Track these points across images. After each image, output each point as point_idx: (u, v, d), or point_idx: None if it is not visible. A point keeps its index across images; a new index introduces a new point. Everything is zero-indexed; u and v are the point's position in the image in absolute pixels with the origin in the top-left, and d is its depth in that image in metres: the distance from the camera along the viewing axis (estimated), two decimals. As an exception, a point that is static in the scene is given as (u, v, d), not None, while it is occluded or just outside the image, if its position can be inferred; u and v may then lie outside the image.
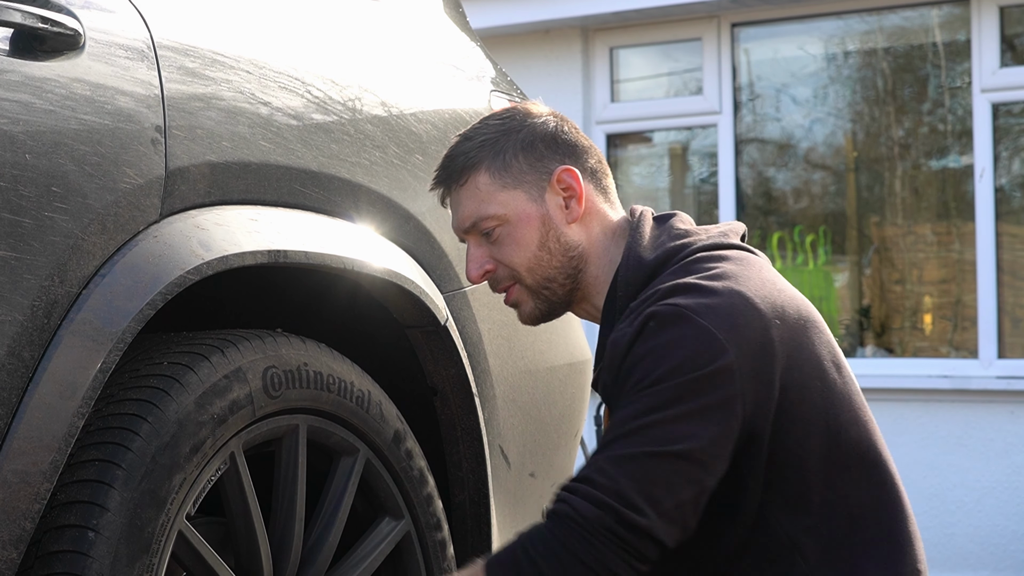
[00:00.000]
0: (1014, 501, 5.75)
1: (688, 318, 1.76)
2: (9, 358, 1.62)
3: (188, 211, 1.86)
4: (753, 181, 6.56)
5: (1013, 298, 5.93)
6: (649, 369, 1.76)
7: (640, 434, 1.75)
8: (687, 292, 1.79)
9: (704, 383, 1.74)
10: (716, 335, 1.75)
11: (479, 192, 1.93)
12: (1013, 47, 5.99)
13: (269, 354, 1.95)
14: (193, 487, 1.83)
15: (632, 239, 1.92)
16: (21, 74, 1.67)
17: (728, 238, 1.93)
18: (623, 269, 1.90)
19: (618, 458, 1.75)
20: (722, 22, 6.38)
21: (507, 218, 1.93)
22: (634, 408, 1.76)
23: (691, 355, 1.75)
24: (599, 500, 1.73)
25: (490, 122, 1.98)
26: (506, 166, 1.93)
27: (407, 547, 2.19)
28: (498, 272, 1.96)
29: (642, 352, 1.77)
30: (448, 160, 1.96)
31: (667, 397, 1.74)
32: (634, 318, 1.81)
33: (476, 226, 1.94)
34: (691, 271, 1.85)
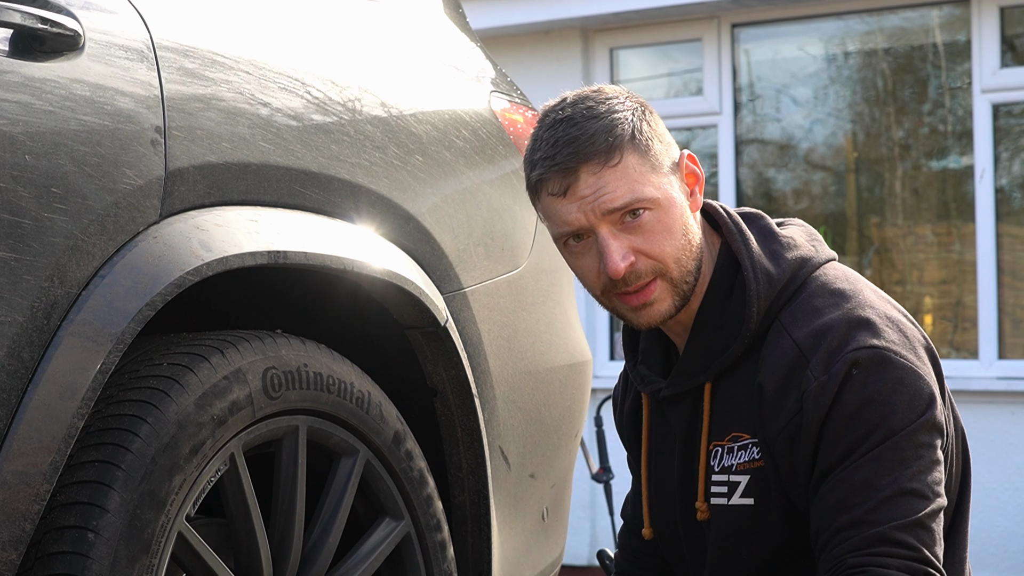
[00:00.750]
0: (1014, 502, 5.75)
1: (891, 360, 1.74)
2: (9, 359, 1.62)
3: (188, 212, 1.86)
4: (753, 182, 6.56)
5: (1013, 299, 5.93)
6: (875, 421, 1.73)
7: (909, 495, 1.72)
8: (868, 328, 1.76)
9: (929, 425, 1.75)
10: (918, 371, 1.75)
11: (632, 173, 1.77)
12: (1013, 48, 5.99)
13: (269, 355, 1.95)
14: (193, 488, 1.83)
15: (745, 247, 1.84)
16: (20, 75, 1.67)
17: (823, 245, 1.91)
18: (753, 283, 1.81)
19: (908, 525, 1.71)
20: (722, 23, 6.38)
21: (660, 202, 1.79)
22: (880, 465, 1.73)
23: (909, 399, 1.74)
24: (916, 571, 1.71)
25: (592, 102, 1.81)
26: (648, 148, 1.80)
27: (407, 548, 2.18)
28: (639, 265, 1.79)
29: (857, 402, 1.73)
30: (581, 141, 1.76)
31: (908, 448, 1.73)
32: (825, 363, 1.75)
33: (626, 208, 1.77)
34: (838, 294, 1.81)
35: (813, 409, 1.75)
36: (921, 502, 1.72)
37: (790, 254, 1.85)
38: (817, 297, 1.81)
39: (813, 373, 1.75)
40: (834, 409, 1.74)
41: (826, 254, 1.89)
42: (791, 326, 1.79)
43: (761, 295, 1.81)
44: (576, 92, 1.86)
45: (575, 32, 6.60)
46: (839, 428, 1.74)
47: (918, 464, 1.73)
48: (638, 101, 1.85)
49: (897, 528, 1.71)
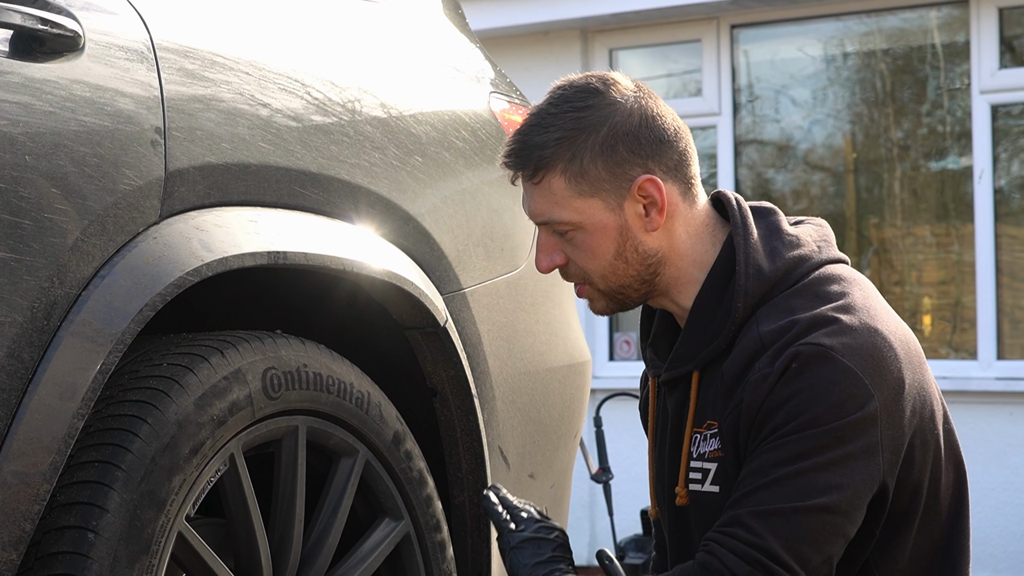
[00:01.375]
0: (1013, 502, 5.75)
1: (833, 359, 1.71)
2: (9, 359, 1.62)
3: (188, 212, 1.86)
4: (752, 182, 6.56)
5: (1012, 299, 5.93)
6: (792, 413, 1.71)
7: (786, 484, 1.71)
8: (825, 327, 1.74)
9: (850, 430, 1.71)
10: (862, 379, 1.72)
11: (553, 195, 1.82)
12: (1012, 48, 5.99)
13: (268, 355, 1.95)
14: (193, 488, 1.83)
15: (745, 240, 1.83)
16: (21, 75, 1.67)
17: (832, 247, 1.89)
18: (741, 277, 1.81)
19: (764, 512, 1.72)
20: (721, 24, 6.38)
21: (582, 225, 1.82)
22: (777, 455, 1.72)
23: (837, 400, 1.70)
24: (751, 557, 1.71)
25: (569, 107, 1.82)
26: (583, 172, 1.80)
27: (406, 548, 2.19)
28: (569, 268, 1.87)
29: (785, 395, 1.72)
30: (522, 148, 1.83)
31: (812, 444, 1.70)
32: (773, 355, 1.74)
33: (546, 225, 1.85)
34: (820, 296, 1.79)
35: (750, 399, 1.75)
36: (796, 495, 1.70)
37: (789, 252, 1.84)
38: (798, 297, 1.80)
39: (759, 364, 1.76)
40: (766, 401, 1.73)
41: (830, 255, 1.87)
42: (763, 320, 1.79)
43: (749, 291, 1.81)
44: (578, 79, 1.87)
45: (574, 33, 6.60)
46: (764, 418, 1.74)
47: (816, 460, 1.70)
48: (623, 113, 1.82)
49: (752, 514, 1.71)
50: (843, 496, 1.71)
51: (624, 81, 1.85)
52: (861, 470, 1.72)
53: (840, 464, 1.71)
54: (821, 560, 1.72)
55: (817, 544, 1.71)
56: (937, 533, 1.84)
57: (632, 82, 1.86)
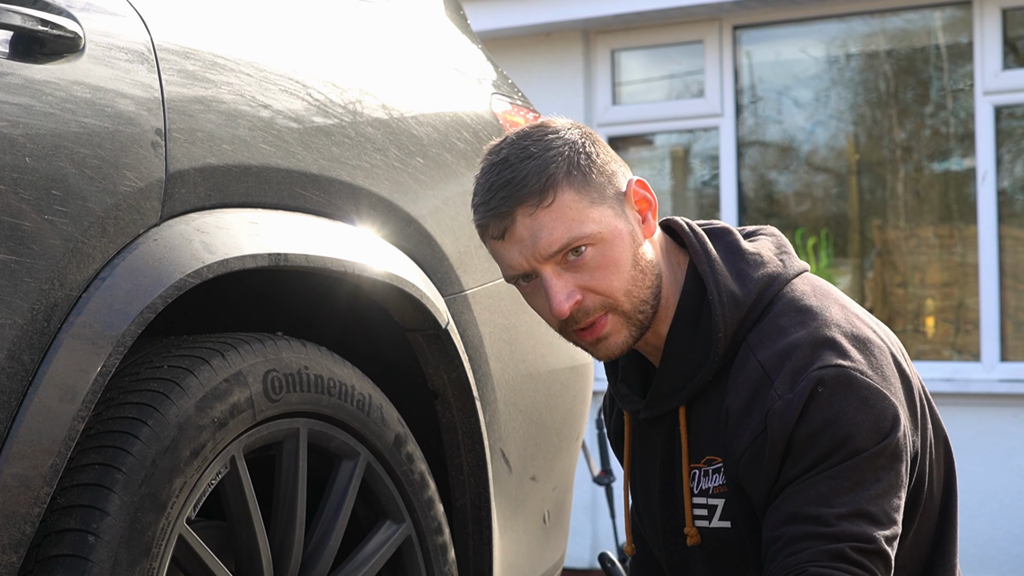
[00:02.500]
0: (1017, 504, 5.75)
1: (856, 380, 1.72)
2: (9, 362, 1.61)
3: (188, 214, 1.86)
4: (755, 184, 6.55)
5: (1016, 301, 5.92)
6: (837, 440, 1.70)
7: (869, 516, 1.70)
8: (832, 346, 1.74)
9: (895, 448, 1.72)
10: (883, 392, 1.73)
11: (568, 211, 1.73)
12: (1015, 49, 5.98)
13: (270, 357, 1.95)
14: (194, 491, 1.82)
15: (710, 268, 1.80)
16: (21, 77, 1.67)
17: (792, 257, 1.87)
18: (717, 306, 1.78)
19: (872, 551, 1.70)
20: (723, 24, 6.38)
21: (602, 237, 1.74)
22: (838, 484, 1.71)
23: (875, 420, 1.71)
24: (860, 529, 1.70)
25: (529, 140, 1.77)
26: (586, 181, 1.75)
27: (408, 551, 2.18)
28: (586, 303, 1.76)
29: (821, 421, 1.71)
30: (514, 185, 1.74)
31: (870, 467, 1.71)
32: (789, 381, 1.72)
33: (565, 249, 1.74)
34: (803, 312, 1.78)
35: (778, 427, 1.72)
36: (877, 527, 1.70)
37: (757, 273, 1.82)
38: (783, 316, 1.79)
39: (777, 392, 1.72)
40: (798, 428, 1.71)
41: (795, 267, 1.86)
42: (757, 347, 1.77)
43: (728, 319, 1.79)
44: (518, 130, 1.82)
45: (576, 34, 6.60)
46: (802, 445, 1.71)
47: (876, 487, 1.71)
48: (580, 131, 1.79)
49: (857, 550, 1.69)
50: (900, 513, 1.74)
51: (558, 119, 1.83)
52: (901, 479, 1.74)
53: (895, 485, 1.73)
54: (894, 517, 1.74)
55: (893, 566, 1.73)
56: (931, 523, 1.86)
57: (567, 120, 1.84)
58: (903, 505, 1.74)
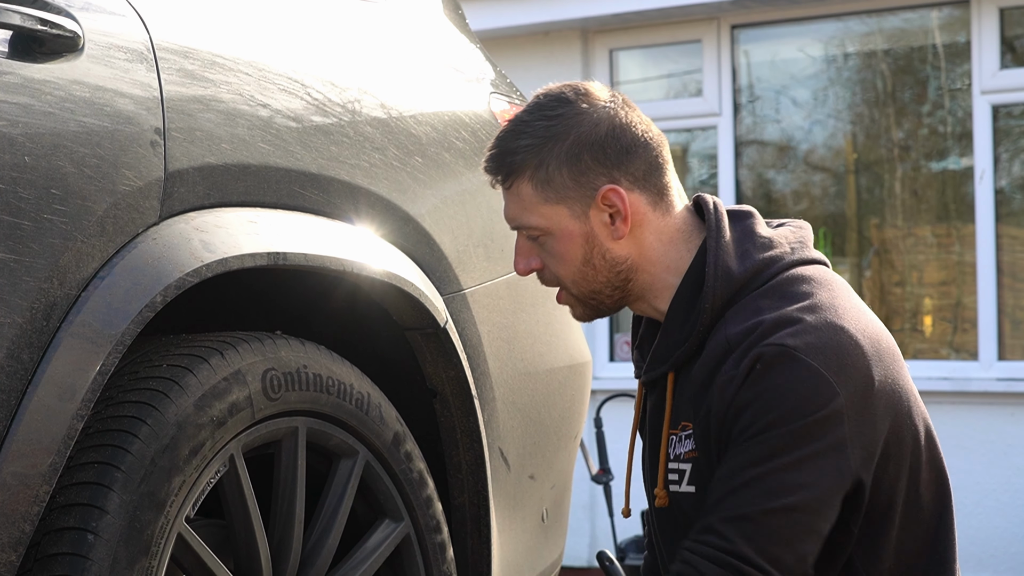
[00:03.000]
0: (1014, 503, 5.75)
1: (796, 359, 1.72)
2: (8, 360, 1.61)
3: (187, 213, 1.86)
4: (753, 183, 6.56)
5: (1013, 300, 5.93)
6: (759, 414, 1.72)
7: (753, 487, 1.72)
8: (791, 327, 1.75)
9: (815, 428, 1.71)
10: (826, 376, 1.72)
11: (522, 200, 1.88)
12: (1013, 49, 5.99)
13: (268, 356, 1.95)
14: (192, 489, 1.83)
15: (716, 243, 1.85)
16: (20, 76, 1.67)
17: (807, 248, 1.90)
18: (710, 279, 1.82)
19: (734, 517, 1.73)
20: (722, 24, 6.38)
21: (550, 231, 1.88)
22: (744, 458, 1.73)
23: (802, 399, 1.71)
24: (722, 561, 1.72)
25: (540, 115, 1.88)
26: (548, 179, 1.86)
27: (407, 549, 2.18)
28: (545, 273, 1.94)
29: (750, 397, 1.73)
30: (497, 154, 1.90)
31: (778, 445, 1.71)
32: (739, 357, 1.76)
33: (519, 229, 1.92)
34: (786, 296, 1.80)
35: (718, 402, 1.77)
36: (764, 497, 1.71)
37: (760, 254, 1.85)
38: (765, 298, 1.81)
39: (727, 367, 1.77)
40: (732, 404, 1.75)
41: (804, 256, 1.88)
42: (730, 322, 1.81)
43: (717, 291, 1.82)
44: (555, 87, 1.91)
45: (575, 33, 6.60)
46: (732, 420, 1.75)
47: (782, 460, 1.71)
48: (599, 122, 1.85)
49: (722, 519, 1.73)
50: (812, 494, 1.72)
51: (598, 91, 1.88)
52: (829, 467, 1.72)
53: (806, 462, 1.71)
54: (794, 559, 1.73)
55: (789, 544, 1.72)
56: (922, 531, 1.85)
57: (608, 92, 1.89)
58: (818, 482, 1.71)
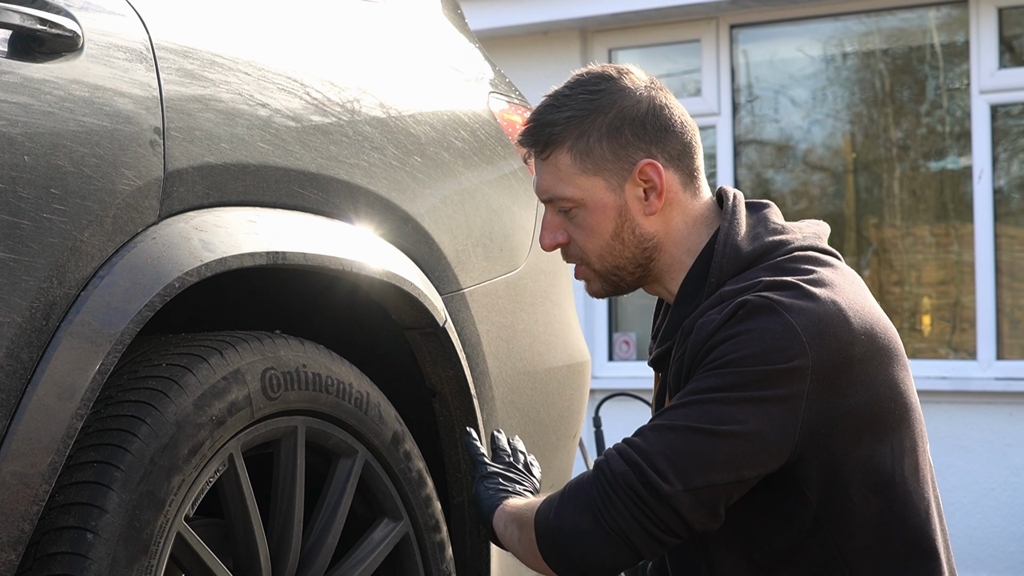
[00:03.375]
0: (1013, 502, 5.76)
1: (777, 312, 1.75)
2: (8, 360, 1.62)
3: (187, 213, 1.86)
4: (752, 182, 6.56)
5: (1012, 299, 5.93)
6: (725, 351, 1.75)
7: (692, 407, 1.75)
8: (784, 289, 1.78)
9: (772, 377, 1.74)
10: (800, 335, 1.74)
11: (558, 171, 1.90)
12: (1012, 48, 5.99)
13: (268, 356, 1.95)
14: (192, 489, 1.83)
15: (729, 226, 1.89)
16: (19, 76, 1.67)
17: (821, 240, 1.92)
18: (719, 255, 1.87)
19: (663, 426, 1.77)
20: (721, 24, 6.38)
21: (583, 202, 1.90)
22: (696, 384, 1.77)
23: (769, 348, 1.74)
24: (629, 458, 1.76)
25: (582, 90, 1.91)
26: (588, 150, 1.88)
27: (406, 548, 2.19)
28: (570, 248, 1.94)
29: (724, 336, 1.77)
30: (535, 126, 1.92)
31: (732, 381, 1.74)
32: (725, 304, 1.79)
33: (552, 202, 1.93)
34: (789, 270, 1.83)
35: (694, 339, 1.80)
36: (695, 417, 1.74)
37: (769, 237, 1.89)
38: (767, 271, 1.84)
39: (712, 312, 1.81)
40: (708, 341, 1.78)
41: (816, 244, 1.90)
42: (729, 285, 1.84)
43: (724, 268, 1.86)
44: (596, 67, 1.95)
45: (574, 33, 6.60)
46: (704, 355, 1.78)
47: (727, 394, 1.73)
48: (638, 100, 1.90)
49: (651, 425, 1.78)
50: (742, 430, 1.73)
51: (638, 73, 1.94)
52: (770, 415, 1.74)
53: (749, 403, 1.74)
54: (704, 483, 1.74)
55: (702, 465, 1.74)
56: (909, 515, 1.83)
57: (646, 75, 1.95)
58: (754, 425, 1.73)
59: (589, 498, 1.78)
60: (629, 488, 1.75)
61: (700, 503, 1.75)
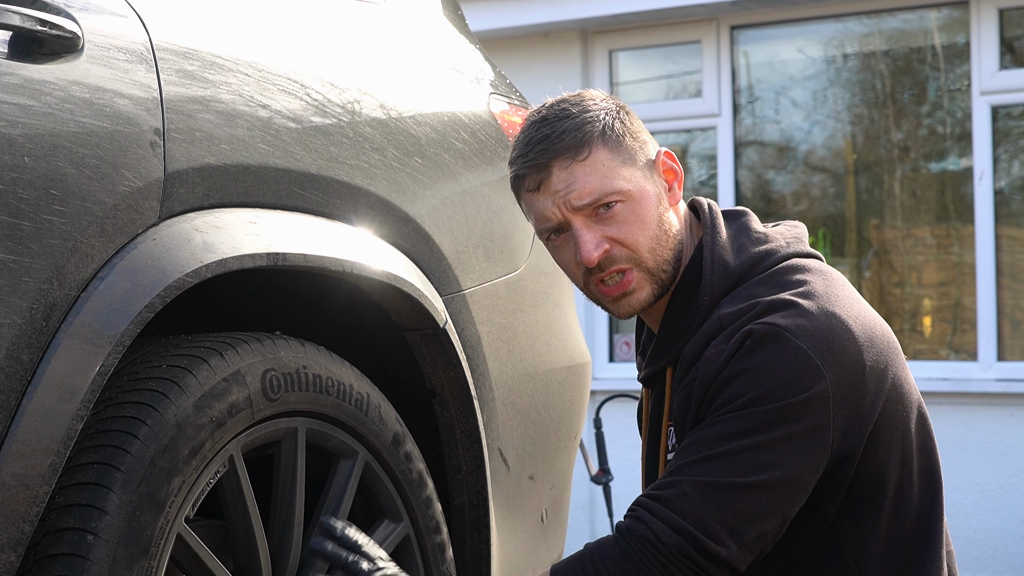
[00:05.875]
0: (1013, 504, 5.75)
1: (786, 339, 1.74)
2: (8, 361, 1.61)
3: (187, 214, 1.86)
4: (752, 184, 6.56)
5: (1012, 300, 5.93)
6: (743, 390, 1.73)
7: (728, 460, 1.72)
8: (783, 310, 1.76)
9: (798, 410, 1.72)
10: (813, 359, 1.73)
11: (602, 167, 1.85)
12: (1012, 49, 5.99)
13: (268, 357, 1.95)
14: (192, 490, 1.83)
15: (712, 239, 1.88)
16: (20, 77, 1.67)
17: (803, 244, 1.92)
18: (707, 272, 1.86)
19: (703, 484, 1.73)
20: (721, 25, 6.38)
21: (631, 194, 1.85)
22: (723, 429, 1.74)
23: (787, 380, 1.72)
24: (681, 527, 1.72)
25: (569, 105, 1.89)
26: (619, 143, 1.87)
27: (406, 550, 2.19)
28: (614, 252, 1.86)
29: (736, 371, 1.74)
30: (551, 140, 1.85)
31: (759, 422, 1.72)
32: (730, 334, 1.77)
33: (597, 203, 1.85)
34: (781, 284, 1.82)
35: (703, 373, 1.78)
36: (737, 471, 1.71)
37: (755, 247, 1.88)
38: (760, 285, 1.83)
39: (716, 342, 1.79)
40: (719, 375, 1.76)
41: (799, 249, 1.90)
42: (725, 305, 1.83)
43: (715, 285, 1.85)
44: (557, 97, 1.93)
45: (574, 34, 6.60)
46: (716, 391, 1.76)
47: (760, 438, 1.72)
48: (615, 102, 1.92)
49: (692, 483, 1.73)
50: (784, 474, 1.72)
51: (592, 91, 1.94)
52: (806, 450, 1.73)
53: (784, 442, 1.72)
54: (755, 536, 1.74)
55: (753, 520, 1.73)
56: (913, 517, 1.84)
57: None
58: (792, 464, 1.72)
59: (636, 569, 1.74)
60: (686, 559, 1.72)
61: (752, 553, 1.75)
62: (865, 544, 1.81)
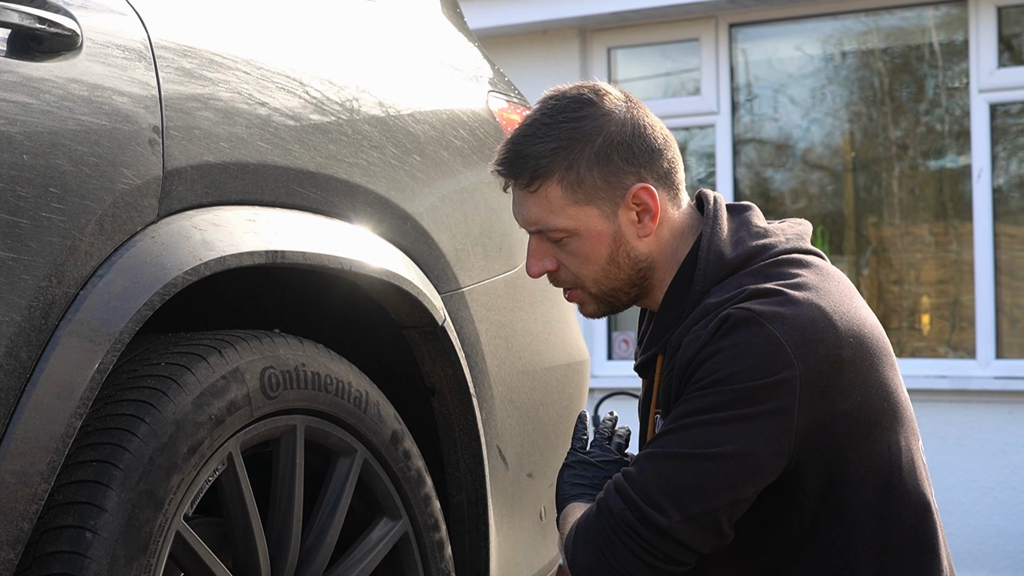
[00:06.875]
0: (1012, 501, 5.76)
1: (760, 324, 1.75)
2: (7, 359, 1.62)
3: (186, 212, 1.86)
4: (751, 181, 6.56)
5: (1011, 298, 5.93)
6: (711, 370, 1.75)
7: (683, 432, 1.75)
8: (766, 297, 1.77)
9: (761, 392, 1.73)
10: (784, 346, 1.74)
11: (549, 203, 1.85)
12: (1011, 47, 5.99)
13: (267, 355, 1.95)
14: (191, 488, 1.83)
15: (712, 231, 1.88)
16: (19, 75, 1.67)
17: (804, 241, 1.92)
18: (703, 263, 1.86)
19: (656, 454, 1.77)
20: (720, 23, 6.38)
21: (576, 232, 1.86)
22: (685, 407, 1.77)
23: (754, 363, 1.73)
24: (627, 495, 1.76)
25: (563, 117, 1.85)
26: (580, 181, 1.84)
27: (405, 547, 2.19)
28: (560, 274, 1.90)
29: (709, 352, 1.76)
30: (516, 157, 1.86)
31: (720, 400, 1.74)
32: (710, 319, 1.79)
33: (540, 232, 1.88)
34: (772, 276, 1.82)
35: (682, 357, 1.80)
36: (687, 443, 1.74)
37: (753, 241, 1.88)
38: (751, 276, 1.84)
39: (697, 328, 1.80)
40: (695, 359, 1.77)
41: (799, 245, 1.90)
42: (714, 294, 1.84)
43: (709, 275, 1.85)
44: (570, 90, 1.89)
45: (573, 32, 6.60)
46: (690, 374, 1.78)
47: (717, 415, 1.73)
48: (621, 123, 1.86)
49: (644, 455, 1.78)
50: (733, 450, 1.73)
51: (614, 91, 1.90)
52: (762, 431, 1.74)
53: (738, 421, 1.73)
54: (702, 509, 1.74)
55: (698, 492, 1.74)
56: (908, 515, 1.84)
57: (621, 92, 1.91)
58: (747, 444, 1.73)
59: (593, 539, 1.79)
60: (628, 527, 1.75)
61: (701, 528, 1.75)
62: (852, 542, 1.81)
